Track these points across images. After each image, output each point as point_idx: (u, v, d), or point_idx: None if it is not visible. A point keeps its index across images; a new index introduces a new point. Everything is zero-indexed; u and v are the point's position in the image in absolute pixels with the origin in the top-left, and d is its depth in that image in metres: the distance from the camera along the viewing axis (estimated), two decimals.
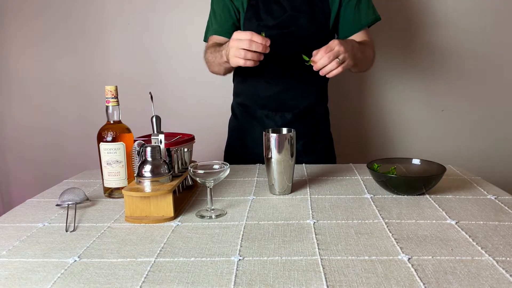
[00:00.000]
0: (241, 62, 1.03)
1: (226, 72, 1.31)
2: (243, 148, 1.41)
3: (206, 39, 1.39)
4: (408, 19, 1.81)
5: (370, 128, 1.93)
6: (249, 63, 1.03)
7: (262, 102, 1.36)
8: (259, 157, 1.11)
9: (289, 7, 1.27)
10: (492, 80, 1.85)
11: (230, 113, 1.49)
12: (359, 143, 1.92)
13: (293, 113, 1.35)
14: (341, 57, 1.04)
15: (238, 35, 1.02)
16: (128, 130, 1.00)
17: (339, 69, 1.05)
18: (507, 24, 1.80)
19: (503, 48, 1.82)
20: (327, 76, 1.07)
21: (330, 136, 1.47)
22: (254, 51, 1.01)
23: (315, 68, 1.06)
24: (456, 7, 1.79)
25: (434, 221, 0.83)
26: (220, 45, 1.24)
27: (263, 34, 1.01)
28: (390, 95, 1.89)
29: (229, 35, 1.28)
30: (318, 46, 1.25)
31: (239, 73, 1.39)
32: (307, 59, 1.07)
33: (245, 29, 1.29)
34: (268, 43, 1.01)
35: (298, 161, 1.29)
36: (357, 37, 1.32)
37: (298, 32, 1.28)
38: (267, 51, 1.02)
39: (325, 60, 1.03)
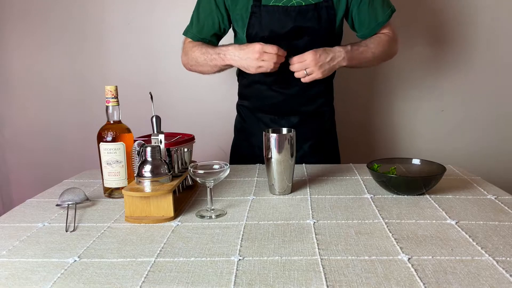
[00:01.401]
0: (265, 70, 1.15)
1: (217, 72, 1.32)
2: (250, 149, 1.40)
3: (186, 34, 1.35)
4: (409, 21, 1.81)
5: (370, 128, 1.93)
6: (271, 70, 1.16)
7: (267, 108, 1.35)
8: None
9: (294, 18, 1.21)
10: (492, 80, 1.85)
11: (230, 113, 1.48)
12: (359, 143, 1.92)
13: (299, 117, 1.35)
14: (308, 70, 1.15)
15: (265, 47, 1.12)
16: (128, 130, 1.00)
17: (306, 79, 1.16)
18: (506, 24, 1.80)
19: (503, 48, 1.82)
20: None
21: (335, 136, 1.46)
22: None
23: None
24: (456, 8, 1.79)
25: (434, 221, 0.83)
26: (207, 44, 1.30)
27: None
28: (390, 95, 1.89)
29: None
30: None
31: (244, 76, 1.36)
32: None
33: (248, 41, 1.26)
34: (285, 54, 1.15)
35: (306, 163, 1.30)
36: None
37: (304, 41, 1.24)
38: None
39: (295, 67, 1.16)
